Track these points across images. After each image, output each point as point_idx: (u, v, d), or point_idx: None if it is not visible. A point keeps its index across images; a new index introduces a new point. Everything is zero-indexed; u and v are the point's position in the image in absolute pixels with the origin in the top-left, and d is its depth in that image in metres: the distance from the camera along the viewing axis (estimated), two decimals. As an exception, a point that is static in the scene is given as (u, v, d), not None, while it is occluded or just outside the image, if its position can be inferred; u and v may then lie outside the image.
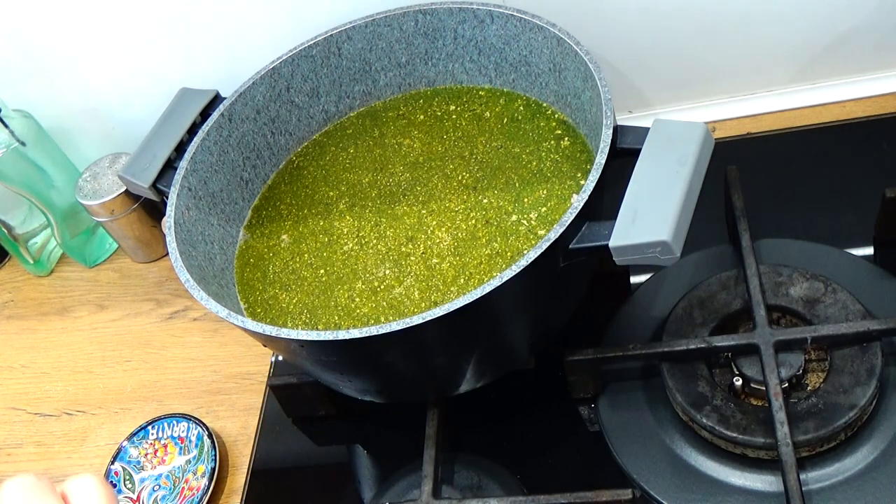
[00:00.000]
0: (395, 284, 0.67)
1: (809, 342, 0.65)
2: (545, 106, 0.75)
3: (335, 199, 0.75)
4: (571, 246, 0.56)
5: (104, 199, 0.87)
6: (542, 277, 0.57)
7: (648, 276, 0.75)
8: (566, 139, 0.71)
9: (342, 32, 0.77)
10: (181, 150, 0.73)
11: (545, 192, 0.68)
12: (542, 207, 0.67)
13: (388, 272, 0.68)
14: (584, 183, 0.60)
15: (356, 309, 0.66)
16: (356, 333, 0.54)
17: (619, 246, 0.54)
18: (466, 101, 0.78)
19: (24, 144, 0.86)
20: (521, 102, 0.76)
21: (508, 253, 0.65)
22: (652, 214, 0.55)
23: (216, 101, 0.76)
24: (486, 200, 0.70)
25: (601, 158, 0.58)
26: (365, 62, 0.79)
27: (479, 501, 0.63)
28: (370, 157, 0.77)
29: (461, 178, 0.72)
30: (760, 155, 0.82)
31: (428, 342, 0.58)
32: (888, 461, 0.61)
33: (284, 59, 0.76)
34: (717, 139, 0.61)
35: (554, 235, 0.55)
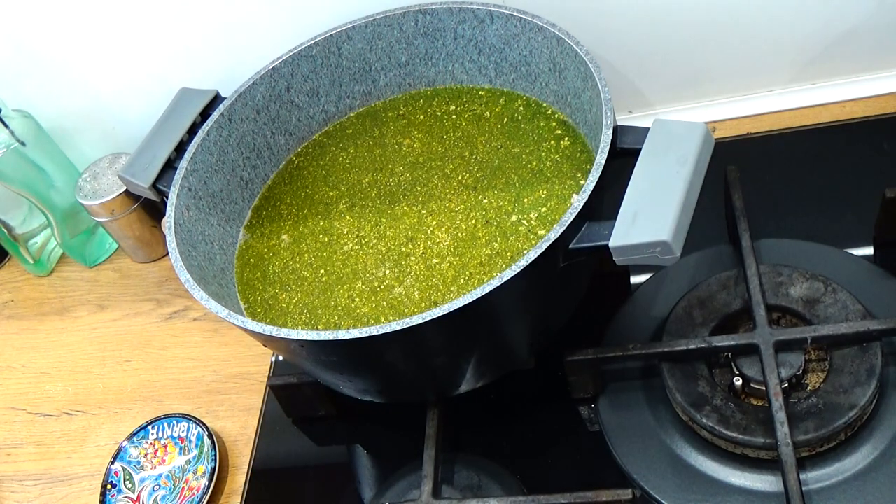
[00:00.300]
0: (395, 284, 0.67)
1: (809, 342, 0.65)
2: (545, 106, 0.75)
3: (335, 199, 0.75)
4: (571, 246, 0.56)
5: (104, 199, 0.87)
6: (542, 277, 0.57)
7: (648, 276, 0.75)
8: (566, 139, 0.71)
9: (342, 32, 0.77)
10: (181, 150, 0.73)
11: (545, 192, 0.68)
12: (542, 207, 0.67)
13: (388, 272, 0.68)
14: (584, 183, 0.60)
15: (356, 309, 0.66)
16: (356, 333, 0.54)
17: (619, 246, 0.54)
18: (466, 101, 0.78)
19: (24, 144, 0.87)
20: (521, 102, 0.76)
21: (508, 253, 0.65)
22: (652, 214, 0.55)
23: (216, 101, 0.76)
24: (486, 200, 0.70)
25: (601, 158, 0.58)
26: (365, 62, 0.79)
27: (479, 501, 0.63)
28: (370, 157, 0.77)
29: (461, 178, 0.72)
30: (760, 155, 0.82)
31: (428, 342, 0.58)
32: (888, 461, 0.61)
33: (284, 59, 0.76)
34: (717, 139, 0.61)
35: (554, 235, 0.55)
